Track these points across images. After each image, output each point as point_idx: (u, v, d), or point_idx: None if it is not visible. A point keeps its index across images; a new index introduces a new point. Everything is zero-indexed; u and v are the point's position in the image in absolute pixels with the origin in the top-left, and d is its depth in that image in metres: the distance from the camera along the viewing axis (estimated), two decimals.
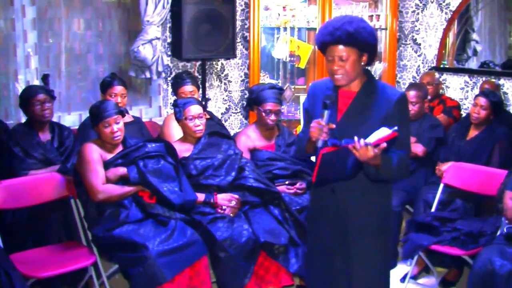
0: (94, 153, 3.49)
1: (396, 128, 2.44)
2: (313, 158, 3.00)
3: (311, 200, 2.99)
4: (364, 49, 2.62)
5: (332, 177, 2.71)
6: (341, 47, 2.58)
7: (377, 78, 5.49)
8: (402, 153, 2.64)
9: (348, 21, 2.58)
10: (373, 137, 2.48)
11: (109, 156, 3.55)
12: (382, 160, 2.54)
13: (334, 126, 2.61)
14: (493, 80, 5.19)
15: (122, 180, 3.50)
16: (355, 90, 2.70)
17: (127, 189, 3.47)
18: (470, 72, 5.63)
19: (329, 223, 2.80)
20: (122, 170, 3.51)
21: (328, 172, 2.67)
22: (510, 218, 3.38)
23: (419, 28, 5.92)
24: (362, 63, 2.65)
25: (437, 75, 5.49)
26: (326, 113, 2.60)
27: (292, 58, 5.49)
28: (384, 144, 2.46)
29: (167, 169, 3.56)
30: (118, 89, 4.24)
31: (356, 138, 2.48)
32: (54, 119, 4.31)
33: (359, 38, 2.56)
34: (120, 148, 3.62)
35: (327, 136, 2.58)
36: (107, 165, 3.51)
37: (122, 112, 3.64)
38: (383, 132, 2.46)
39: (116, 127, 3.53)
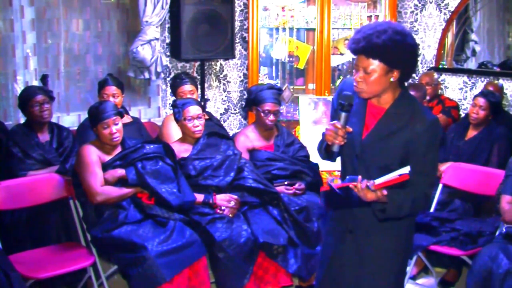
0: (92, 154, 3.49)
1: (407, 171, 2.19)
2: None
3: (327, 215, 2.75)
4: (394, 65, 2.32)
5: (340, 206, 2.54)
6: (364, 57, 2.31)
7: None
8: (422, 186, 2.39)
9: (381, 30, 2.27)
10: (382, 178, 2.27)
11: (107, 157, 3.55)
12: (391, 200, 2.32)
13: (351, 129, 2.37)
14: (496, 82, 5.19)
15: (121, 182, 3.50)
16: (385, 106, 2.43)
17: (126, 190, 3.47)
18: (469, 72, 5.63)
19: (343, 237, 2.58)
20: (121, 171, 3.51)
21: (335, 202, 2.51)
22: (508, 221, 3.38)
23: (418, 29, 5.93)
24: (392, 79, 2.35)
25: (435, 75, 5.50)
26: (343, 115, 2.36)
27: (291, 59, 5.49)
28: (385, 192, 2.26)
29: (166, 170, 3.56)
30: (110, 89, 4.23)
31: (360, 177, 2.29)
32: (53, 119, 4.31)
33: (387, 53, 2.27)
34: (118, 149, 3.62)
35: (343, 140, 2.35)
36: (105, 167, 3.51)
37: (121, 113, 3.63)
38: (394, 173, 2.24)
39: (115, 128, 3.52)
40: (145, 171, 3.49)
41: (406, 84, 2.50)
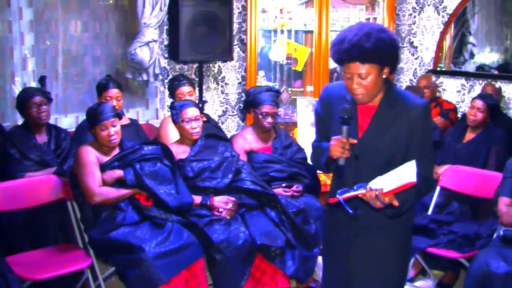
0: (90, 155, 3.49)
1: (415, 179, 2.21)
2: None
3: (328, 218, 2.76)
4: (386, 62, 2.36)
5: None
6: (358, 64, 2.31)
7: None
8: (424, 172, 2.37)
9: (365, 34, 2.29)
10: (390, 181, 2.27)
11: (105, 158, 3.55)
12: (398, 198, 2.31)
13: (355, 141, 2.38)
14: (494, 83, 5.20)
15: (119, 183, 3.50)
16: (376, 103, 2.46)
17: (124, 191, 3.47)
18: (467, 75, 5.64)
19: (349, 239, 2.58)
20: (119, 172, 3.51)
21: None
22: (506, 224, 3.38)
23: (416, 31, 5.94)
24: (384, 76, 2.39)
25: (434, 78, 5.50)
26: (344, 128, 2.36)
27: (289, 61, 5.49)
28: (396, 203, 2.29)
29: (164, 171, 3.56)
30: (113, 92, 4.23)
31: (368, 187, 2.29)
32: (51, 121, 4.30)
33: (379, 54, 2.31)
34: (116, 151, 3.62)
35: (349, 153, 2.36)
36: (103, 167, 3.51)
37: (119, 115, 3.63)
38: (401, 176, 2.24)
39: (113, 130, 3.52)
40: (143, 172, 3.49)
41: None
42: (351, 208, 2.40)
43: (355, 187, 2.35)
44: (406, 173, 2.25)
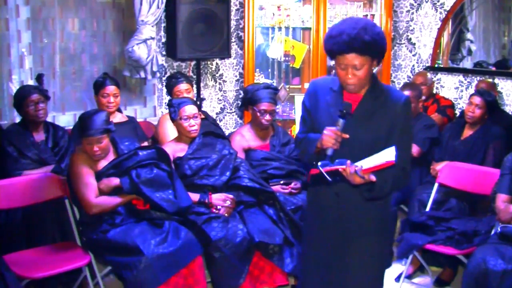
0: (84, 164, 3.45)
1: (393, 156, 2.32)
2: None
3: (309, 201, 2.88)
4: (378, 55, 2.51)
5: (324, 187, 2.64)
6: (355, 55, 2.45)
7: None
8: (401, 163, 2.50)
9: (362, 27, 2.42)
10: (370, 161, 2.39)
11: (98, 165, 3.52)
12: (376, 180, 2.44)
13: (347, 136, 2.49)
14: (489, 80, 5.20)
15: (115, 190, 3.45)
16: (361, 93, 2.59)
17: (120, 199, 3.44)
18: (465, 71, 5.64)
19: (329, 225, 2.71)
20: (115, 181, 3.45)
21: (320, 182, 2.58)
22: (503, 220, 3.39)
23: (413, 28, 5.93)
24: (373, 68, 2.55)
25: (429, 75, 5.51)
26: (341, 121, 2.50)
27: (287, 58, 5.49)
28: (373, 178, 2.39)
29: (161, 177, 3.50)
30: (110, 89, 4.21)
31: (348, 162, 2.41)
32: (49, 119, 4.30)
33: (375, 47, 2.45)
34: (111, 157, 3.58)
35: (339, 145, 2.49)
36: (99, 175, 3.47)
37: (109, 130, 3.54)
38: (381, 157, 2.36)
39: (97, 147, 3.46)
40: (140, 180, 3.42)
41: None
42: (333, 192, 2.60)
43: (336, 162, 2.46)
44: (385, 155, 2.37)
